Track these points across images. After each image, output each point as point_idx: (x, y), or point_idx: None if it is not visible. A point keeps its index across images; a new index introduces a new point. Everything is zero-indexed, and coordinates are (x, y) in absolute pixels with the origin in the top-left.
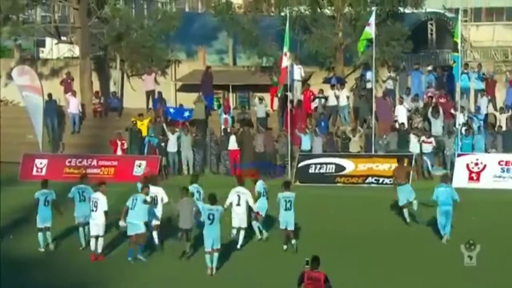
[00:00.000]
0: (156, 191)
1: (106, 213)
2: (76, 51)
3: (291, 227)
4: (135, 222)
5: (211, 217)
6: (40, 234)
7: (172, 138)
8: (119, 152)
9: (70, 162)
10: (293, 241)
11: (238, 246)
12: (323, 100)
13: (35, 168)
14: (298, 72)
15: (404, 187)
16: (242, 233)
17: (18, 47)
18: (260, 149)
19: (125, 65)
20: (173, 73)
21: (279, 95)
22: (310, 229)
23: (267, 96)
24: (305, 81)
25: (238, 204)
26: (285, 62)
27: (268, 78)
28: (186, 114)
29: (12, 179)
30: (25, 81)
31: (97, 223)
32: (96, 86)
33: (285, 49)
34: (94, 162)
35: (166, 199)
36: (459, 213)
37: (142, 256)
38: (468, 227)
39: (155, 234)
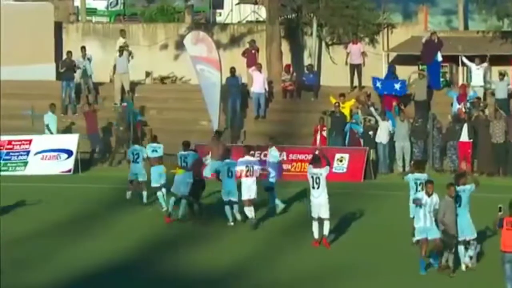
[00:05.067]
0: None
1: None
2: (263, 13)
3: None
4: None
5: (457, 200)
6: (226, 208)
7: (383, 126)
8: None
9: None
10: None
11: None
12: None
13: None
14: None
15: None
16: None
17: (190, 8)
18: (499, 139)
19: (323, 31)
20: (384, 41)
21: None
22: None
23: (509, 70)
24: None
25: None
26: None
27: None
28: (398, 86)
29: None
30: (201, 51)
31: (319, 203)
32: (287, 58)
33: None
34: (283, 156)
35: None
36: None
37: None
38: None
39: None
